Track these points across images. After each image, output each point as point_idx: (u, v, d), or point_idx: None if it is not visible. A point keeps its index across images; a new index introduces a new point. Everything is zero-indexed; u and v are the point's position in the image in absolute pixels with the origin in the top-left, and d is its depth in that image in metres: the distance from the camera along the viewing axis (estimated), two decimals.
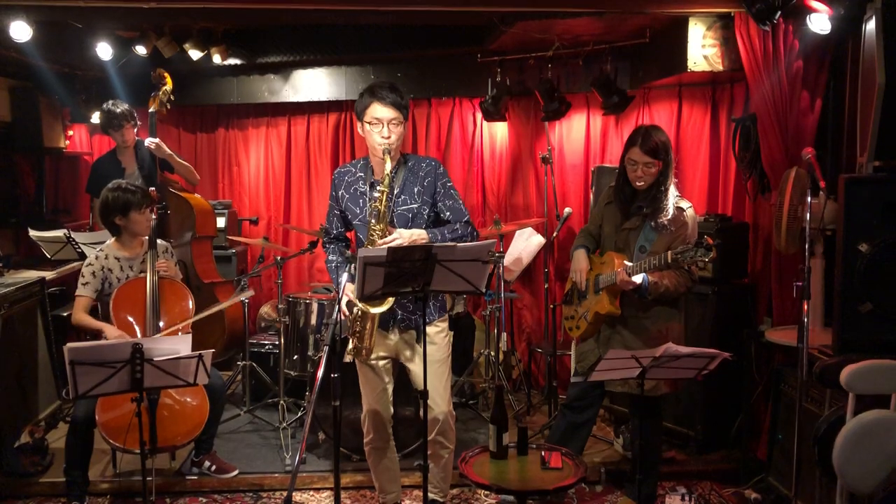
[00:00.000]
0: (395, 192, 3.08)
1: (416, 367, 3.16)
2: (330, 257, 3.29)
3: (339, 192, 3.20)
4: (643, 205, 3.30)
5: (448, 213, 3.15)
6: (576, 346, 3.52)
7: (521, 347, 5.46)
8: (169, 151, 4.66)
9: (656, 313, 3.35)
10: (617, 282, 3.24)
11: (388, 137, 2.99)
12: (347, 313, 3.04)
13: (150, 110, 4.63)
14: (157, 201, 3.87)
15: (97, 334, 3.65)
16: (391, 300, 2.96)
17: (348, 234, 3.34)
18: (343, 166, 3.28)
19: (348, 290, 2.99)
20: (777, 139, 3.74)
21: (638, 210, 3.32)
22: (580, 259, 3.47)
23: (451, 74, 5.35)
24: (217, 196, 5.83)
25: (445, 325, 3.28)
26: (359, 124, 3.10)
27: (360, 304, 2.95)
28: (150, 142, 4.55)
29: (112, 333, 3.58)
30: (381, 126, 2.99)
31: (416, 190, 3.11)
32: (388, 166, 2.98)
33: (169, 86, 4.68)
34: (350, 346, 3.11)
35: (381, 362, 3.23)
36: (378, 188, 3.02)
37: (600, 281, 3.35)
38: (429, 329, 3.11)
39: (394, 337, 3.19)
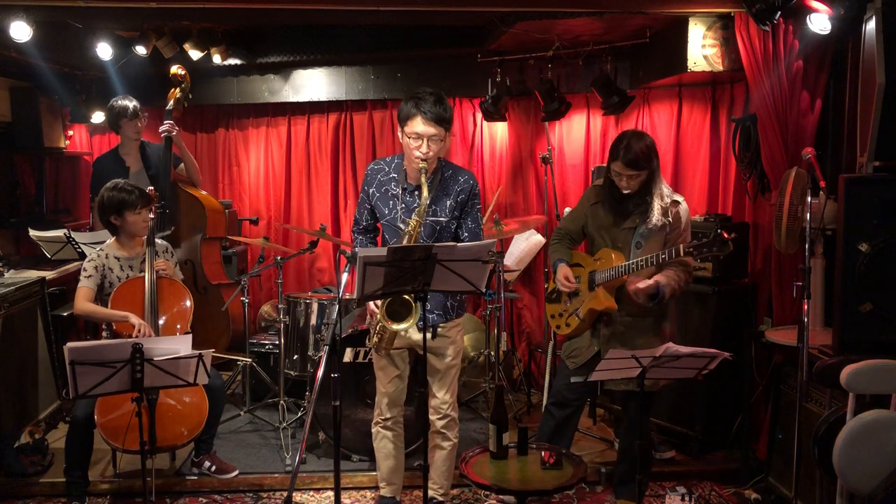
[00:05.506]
0: (427, 202, 3.06)
1: (431, 359, 3.18)
2: (357, 248, 3.28)
3: (371, 190, 3.20)
4: (635, 208, 3.30)
5: (465, 234, 3.17)
6: (565, 343, 3.52)
7: (521, 347, 5.46)
8: (181, 142, 4.68)
9: (653, 312, 3.35)
10: (630, 291, 3.22)
11: (427, 153, 2.97)
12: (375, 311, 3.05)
13: (168, 107, 4.63)
14: (155, 201, 3.86)
15: (103, 321, 3.67)
16: (413, 319, 2.90)
17: (378, 225, 3.34)
18: (376, 162, 3.26)
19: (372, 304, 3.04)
20: (777, 139, 3.74)
21: (637, 208, 3.31)
22: (562, 270, 3.43)
23: (451, 74, 5.35)
24: (217, 196, 5.82)
25: (462, 320, 3.35)
26: (399, 130, 3.07)
27: (380, 316, 2.98)
28: (166, 125, 4.53)
29: (117, 315, 3.59)
30: (420, 142, 2.97)
31: (448, 204, 3.12)
32: (426, 192, 2.96)
33: (188, 84, 4.68)
34: (372, 340, 3.16)
35: (397, 351, 3.28)
36: (415, 211, 3.02)
37: (596, 278, 3.34)
38: (447, 325, 3.23)
39: (411, 332, 3.17)
